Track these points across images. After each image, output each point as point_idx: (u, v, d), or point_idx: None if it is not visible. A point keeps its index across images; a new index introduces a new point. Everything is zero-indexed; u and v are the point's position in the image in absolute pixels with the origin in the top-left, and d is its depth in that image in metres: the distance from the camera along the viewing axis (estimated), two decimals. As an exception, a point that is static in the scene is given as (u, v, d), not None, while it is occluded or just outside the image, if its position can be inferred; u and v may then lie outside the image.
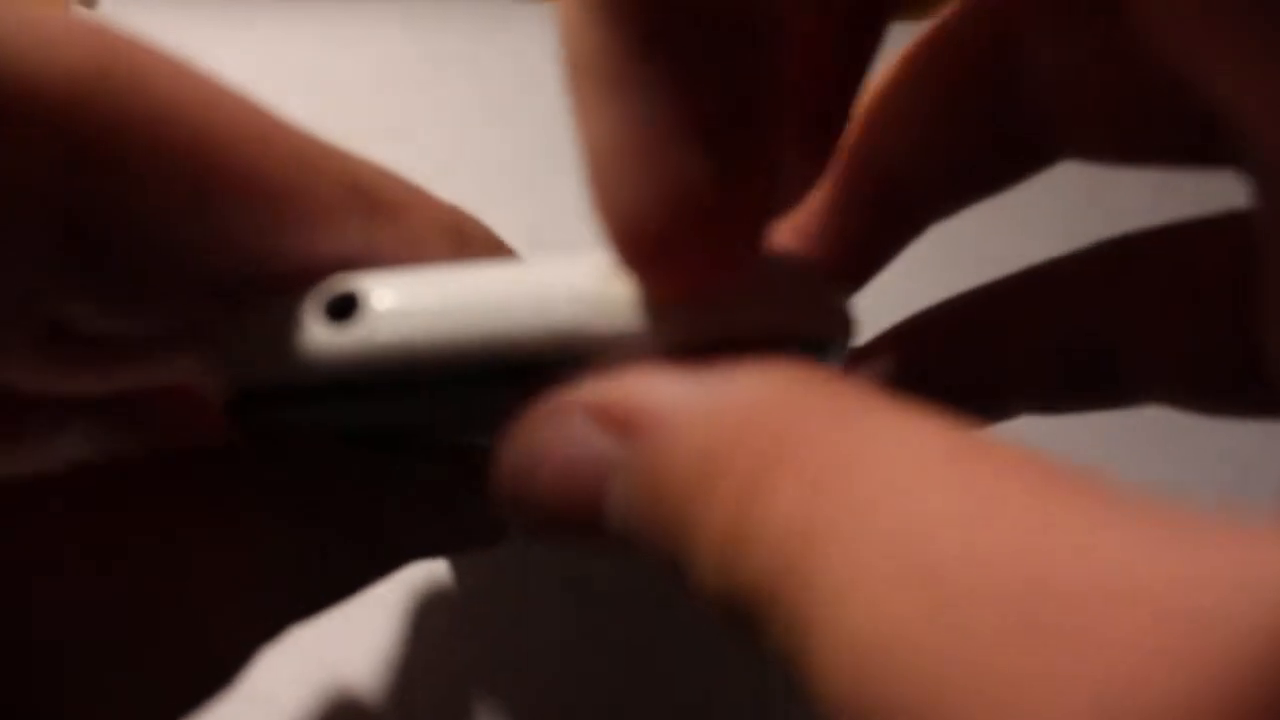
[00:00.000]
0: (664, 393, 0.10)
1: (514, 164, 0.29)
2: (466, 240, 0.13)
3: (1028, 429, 0.14)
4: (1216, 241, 0.13)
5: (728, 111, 0.09)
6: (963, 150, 0.13)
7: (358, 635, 0.21)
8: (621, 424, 0.10)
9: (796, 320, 0.11)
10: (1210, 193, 0.13)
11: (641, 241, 0.10)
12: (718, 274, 0.10)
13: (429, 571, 0.22)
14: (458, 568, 0.22)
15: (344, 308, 0.11)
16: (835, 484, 0.08)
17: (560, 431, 0.10)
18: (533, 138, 0.29)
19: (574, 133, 0.10)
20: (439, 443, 0.14)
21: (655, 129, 0.09)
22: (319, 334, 0.11)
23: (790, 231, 0.15)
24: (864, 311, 0.13)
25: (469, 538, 0.15)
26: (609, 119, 0.09)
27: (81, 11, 0.11)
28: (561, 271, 0.11)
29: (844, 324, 0.12)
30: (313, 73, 0.30)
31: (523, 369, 0.11)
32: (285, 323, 0.11)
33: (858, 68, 0.13)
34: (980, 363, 0.14)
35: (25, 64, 0.10)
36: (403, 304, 0.11)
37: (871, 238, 0.14)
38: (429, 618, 0.22)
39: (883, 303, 0.16)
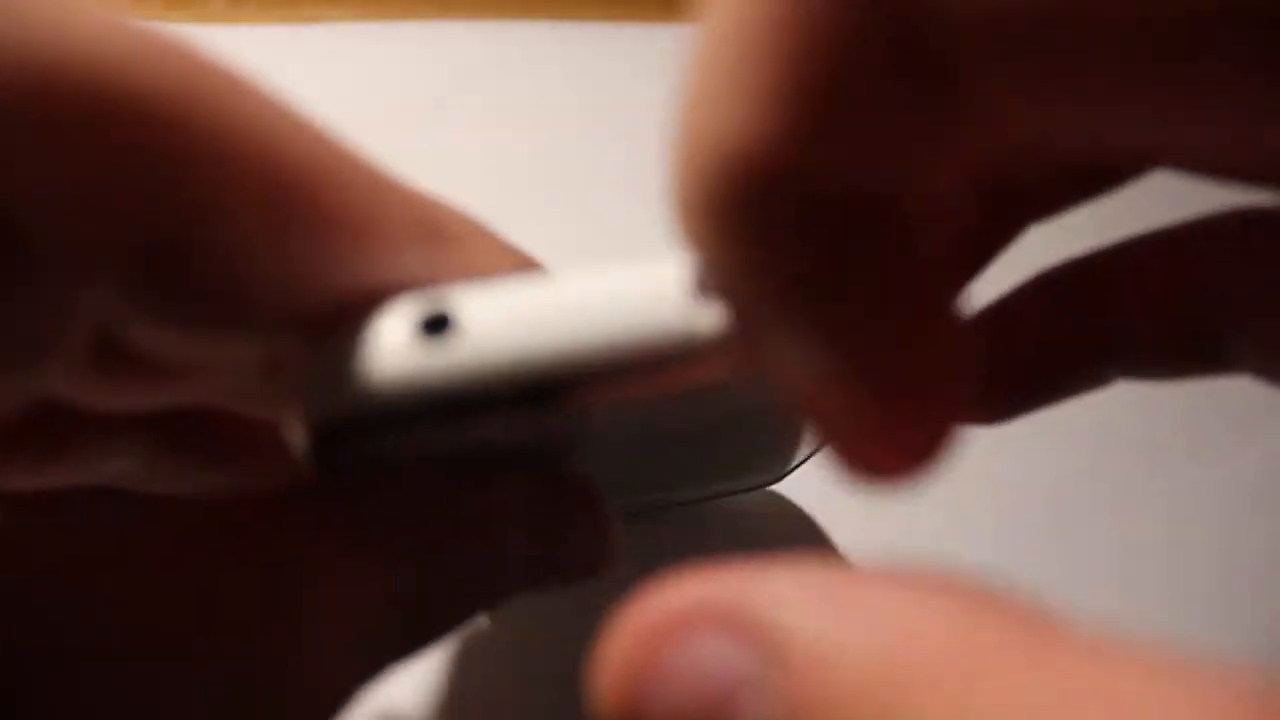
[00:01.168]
0: (816, 619, 0.09)
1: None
2: (527, 270, 0.13)
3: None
4: None
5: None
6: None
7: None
8: (764, 645, 0.09)
9: None
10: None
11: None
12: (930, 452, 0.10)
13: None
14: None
15: (437, 325, 0.11)
16: None
17: (690, 646, 0.09)
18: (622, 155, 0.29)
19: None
20: (531, 469, 0.14)
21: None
22: (414, 354, 0.11)
23: None
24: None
25: (570, 568, 0.14)
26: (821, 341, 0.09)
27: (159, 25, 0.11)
28: (642, 278, 0.11)
29: None
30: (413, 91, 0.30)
31: (614, 377, 0.11)
32: (372, 347, 0.11)
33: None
34: (1085, 328, 0.14)
35: (121, 72, 0.10)
36: (497, 316, 0.11)
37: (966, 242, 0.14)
38: (474, 651, 0.22)
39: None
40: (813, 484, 0.23)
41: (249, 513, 0.12)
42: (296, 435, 0.12)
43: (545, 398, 0.11)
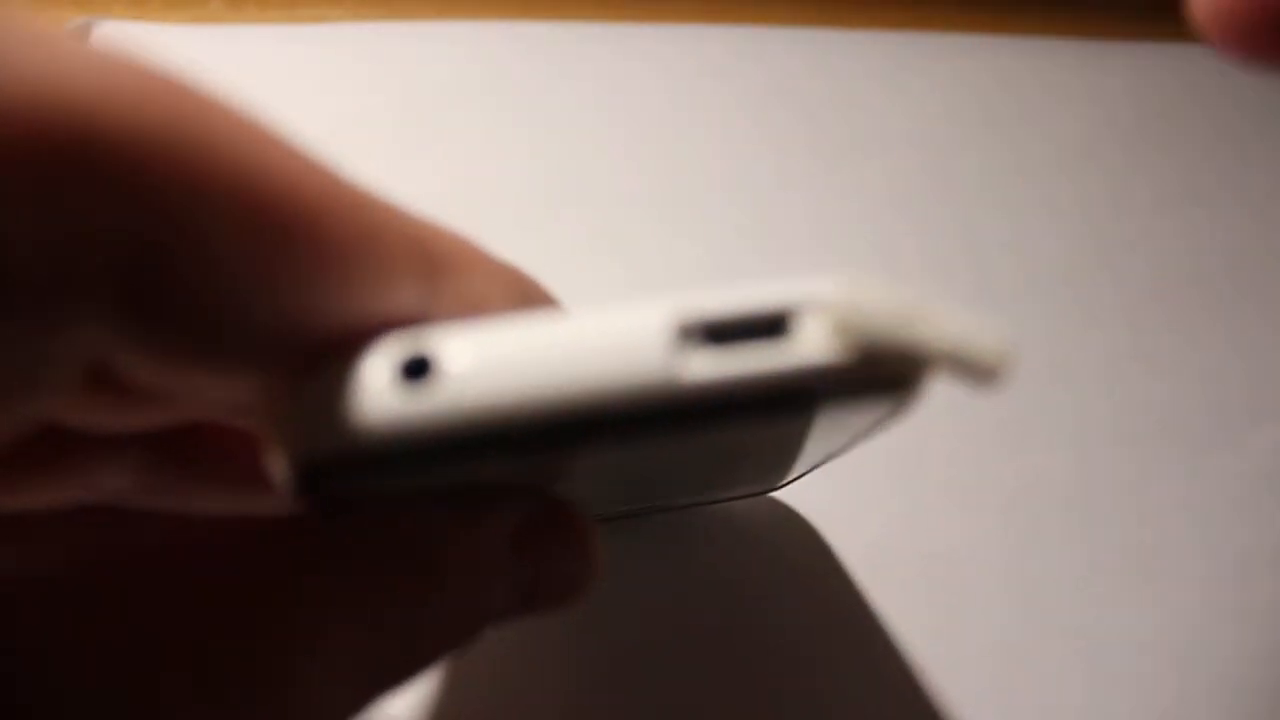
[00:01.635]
0: None
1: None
2: (527, 300, 0.13)
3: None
4: None
5: None
6: None
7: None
8: None
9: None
10: None
11: None
12: None
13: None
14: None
15: (417, 369, 0.11)
16: None
17: None
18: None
19: None
20: (517, 498, 0.14)
21: None
22: (393, 398, 0.11)
23: None
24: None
25: (555, 595, 0.14)
26: None
27: (116, 43, 0.11)
28: (625, 323, 0.11)
29: None
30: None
31: (601, 424, 0.11)
32: (353, 387, 0.11)
33: None
34: None
35: (103, 109, 0.09)
36: (477, 361, 0.11)
37: None
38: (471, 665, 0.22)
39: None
40: (810, 488, 0.23)
41: (246, 536, 0.12)
42: (279, 470, 0.12)
43: (525, 444, 0.11)
